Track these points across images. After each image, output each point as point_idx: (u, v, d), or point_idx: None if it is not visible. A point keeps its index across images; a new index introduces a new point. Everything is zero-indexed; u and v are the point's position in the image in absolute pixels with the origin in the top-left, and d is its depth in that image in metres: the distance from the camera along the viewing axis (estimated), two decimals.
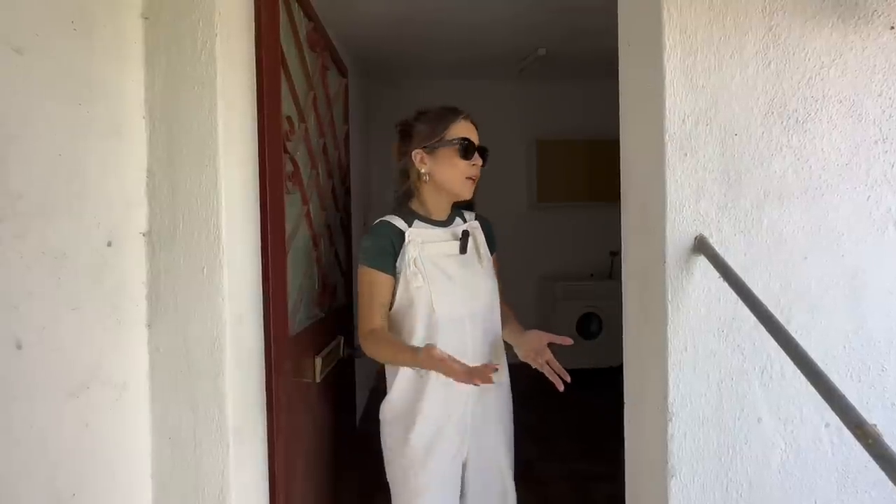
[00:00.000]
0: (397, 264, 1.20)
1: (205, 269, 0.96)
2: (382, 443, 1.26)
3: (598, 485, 2.37)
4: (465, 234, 1.26)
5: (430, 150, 1.23)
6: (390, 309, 1.22)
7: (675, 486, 0.94)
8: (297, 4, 1.35)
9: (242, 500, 1.01)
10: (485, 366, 1.02)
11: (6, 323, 0.67)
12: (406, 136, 1.28)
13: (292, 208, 1.29)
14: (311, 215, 1.44)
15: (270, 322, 1.12)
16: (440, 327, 1.18)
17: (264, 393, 1.11)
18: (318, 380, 1.34)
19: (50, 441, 0.75)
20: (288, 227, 1.23)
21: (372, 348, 1.18)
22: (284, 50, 1.24)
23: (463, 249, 1.24)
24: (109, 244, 0.87)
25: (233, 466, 0.97)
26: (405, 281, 1.19)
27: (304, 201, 1.40)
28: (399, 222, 1.22)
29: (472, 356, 1.19)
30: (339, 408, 1.65)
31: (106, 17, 0.87)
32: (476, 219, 1.35)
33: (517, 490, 1.32)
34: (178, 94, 0.95)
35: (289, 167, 1.27)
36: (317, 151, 1.52)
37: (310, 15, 1.46)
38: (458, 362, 1.03)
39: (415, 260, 1.18)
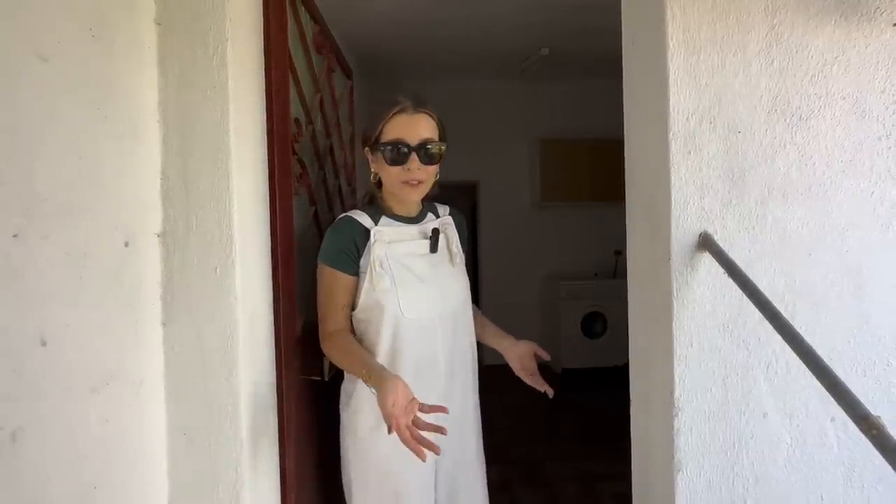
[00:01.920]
0: (361, 263, 1.12)
1: (217, 269, 0.98)
2: (345, 451, 1.17)
3: (605, 484, 2.37)
4: (436, 232, 1.18)
5: (372, 150, 1.16)
6: (353, 310, 1.15)
7: (681, 481, 0.95)
8: (303, 7, 1.37)
9: (256, 496, 1.03)
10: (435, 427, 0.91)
11: (33, 320, 0.69)
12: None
13: (300, 209, 1.31)
14: (319, 216, 1.46)
15: (280, 321, 1.14)
16: (408, 332, 1.11)
17: (276, 391, 1.13)
18: (326, 378, 1.36)
19: (76, 436, 0.77)
20: (296, 227, 1.25)
21: (333, 352, 1.12)
22: (292, 53, 1.26)
23: (433, 248, 1.17)
24: (127, 244, 0.89)
25: (246, 463, 0.99)
26: (370, 282, 1.10)
27: (312, 202, 1.42)
28: (364, 219, 1.14)
29: (443, 361, 1.15)
30: None
31: (122, 22, 0.89)
32: (450, 213, 1.27)
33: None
34: (190, 98, 0.97)
35: (297, 168, 1.29)
36: (323, 152, 1.54)
37: (316, 18, 1.47)
38: (408, 417, 0.91)
39: (381, 260, 1.10)
